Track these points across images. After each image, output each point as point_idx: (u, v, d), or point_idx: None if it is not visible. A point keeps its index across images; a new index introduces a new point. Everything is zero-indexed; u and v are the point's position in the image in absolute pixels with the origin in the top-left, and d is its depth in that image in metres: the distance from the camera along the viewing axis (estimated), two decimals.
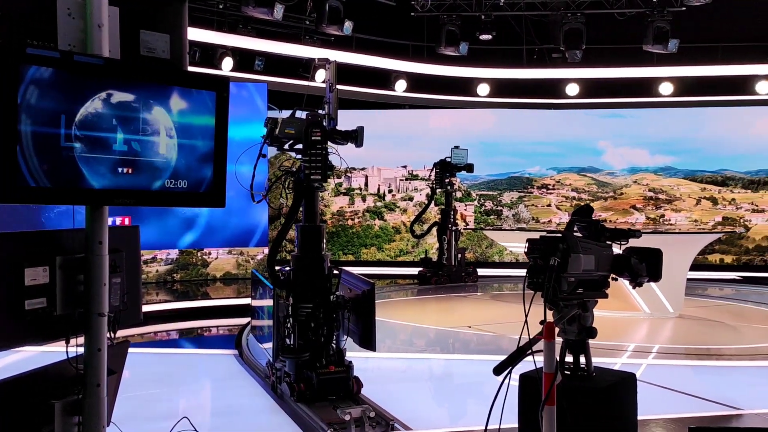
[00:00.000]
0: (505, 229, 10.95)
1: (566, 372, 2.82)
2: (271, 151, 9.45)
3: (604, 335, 7.07)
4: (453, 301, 9.45)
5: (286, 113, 4.69)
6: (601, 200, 12.29)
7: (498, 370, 2.45)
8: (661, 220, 12.06)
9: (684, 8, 9.40)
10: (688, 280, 8.53)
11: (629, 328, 7.58)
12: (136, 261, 2.58)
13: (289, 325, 4.35)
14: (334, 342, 4.39)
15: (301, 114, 4.63)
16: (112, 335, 2.36)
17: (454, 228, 10.44)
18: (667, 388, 5.23)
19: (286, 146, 4.58)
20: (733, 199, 11.92)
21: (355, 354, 4.56)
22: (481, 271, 11.05)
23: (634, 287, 2.92)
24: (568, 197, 12.26)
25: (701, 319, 8.09)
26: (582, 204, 2.99)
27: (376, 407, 4.13)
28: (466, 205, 12.44)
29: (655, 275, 2.91)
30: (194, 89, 2.22)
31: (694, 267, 9.43)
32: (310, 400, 4.17)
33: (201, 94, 2.23)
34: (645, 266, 2.90)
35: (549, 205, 12.32)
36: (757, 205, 11.82)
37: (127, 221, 9.20)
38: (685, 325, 7.70)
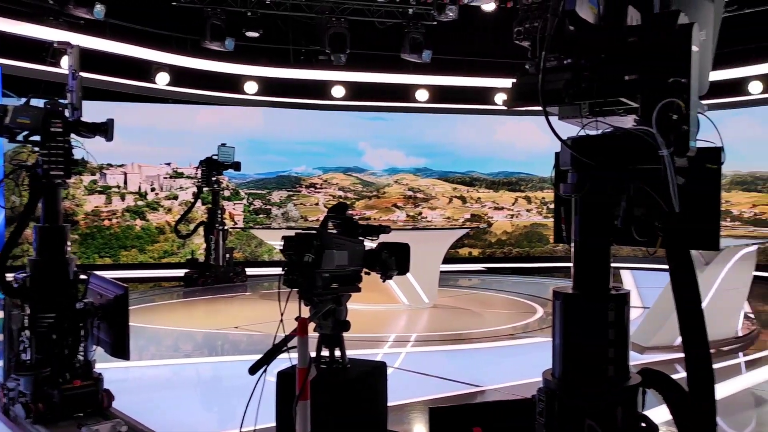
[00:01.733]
0: (273, 228, 10.95)
1: (322, 366, 2.87)
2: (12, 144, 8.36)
3: (368, 328, 7.45)
4: (221, 302, 9.22)
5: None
6: (365, 199, 12.89)
7: (253, 370, 2.41)
8: (419, 217, 13.00)
9: (435, 23, 10.22)
10: (442, 272, 9.30)
11: (390, 320, 8.04)
12: None
13: (25, 339, 3.86)
14: (81, 354, 3.99)
15: (39, 102, 4.13)
16: None
17: (221, 227, 10.20)
18: (423, 373, 5.61)
19: (20, 137, 4.05)
20: (479, 198, 13.28)
21: (113, 365, 4.20)
22: (250, 271, 10.93)
23: (384, 280, 3.08)
24: (335, 196, 12.65)
25: (452, 308, 8.86)
26: (338, 201, 3.07)
27: (130, 420, 3.85)
28: (234, 204, 12.21)
29: (403, 268, 3.10)
30: None
31: (447, 260, 10.32)
32: (50, 420, 3.74)
33: None
34: (395, 260, 3.07)
35: (317, 204, 12.60)
36: (498, 204, 13.30)
37: None
38: (439, 314, 8.37)
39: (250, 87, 11.74)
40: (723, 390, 5.13)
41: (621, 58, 2.04)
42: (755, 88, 11.35)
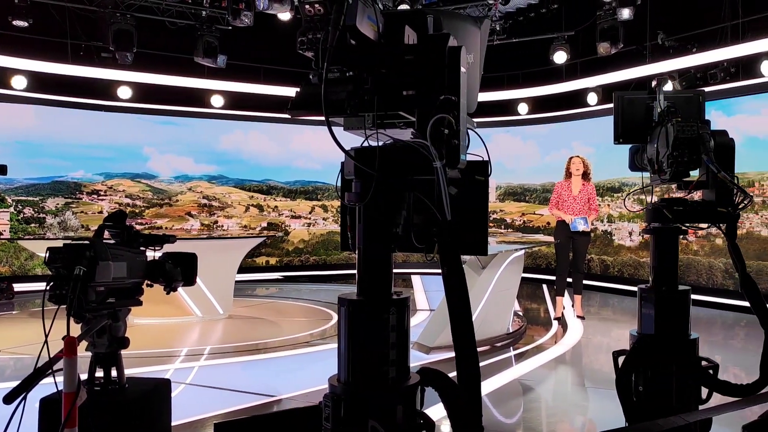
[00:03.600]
0: (49, 239, 9.89)
1: (96, 388, 2.64)
2: None
3: (158, 343, 7.06)
4: None
5: None
6: (156, 207, 12.20)
7: (9, 399, 2.14)
8: (214, 225, 12.60)
9: (230, 27, 10.00)
10: (238, 281, 9.12)
11: (182, 333, 7.70)
12: None
13: None
14: None
15: None
16: None
17: None
18: (216, 387, 5.45)
19: None
20: (276, 206, 13.23)
21: None
22: (19, 287, 9.80)
23: (168, 292, 2.92)
24: (122, 204, 11.80)
25: (249, 318, 8.73)
26: (116, 209, 2.85)
27: None
28: None
29: (190, 279, 2.97)
30: None
31: (244, 269, 10.14)
32: None
33: None
34: (180, 270, 2.92)
35: (101, 212, 11.63)
36: (294, 212, 13.36)
37: None
38: (234, 325, 8.19)
39: (19, 82, 10.49)
40: (496, 382, 5.64)
41: (399, 74, 2.15)
42: (523, 109, 12.74)
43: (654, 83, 3.32)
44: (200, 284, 8.06)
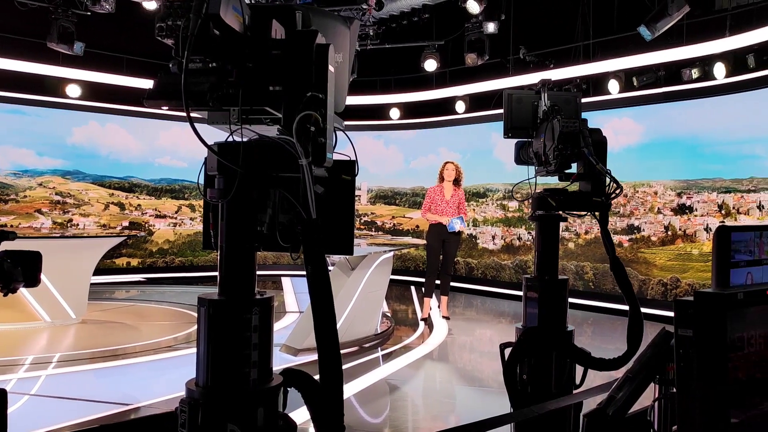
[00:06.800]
0: None
1: None
2: None
3: (0, 351, 6.47)
4: None
5: None
6: (1, 203, 11.16)
7: None
8: (69, 224, 11.74)
9: (89, 13, 9.36)
10: (94, 284, 8.57)
11: (28, 340, 7.12)
12: None
13: None
14: None
15: None
16: None
17: None
18: (66, 397, 5.09)
19: None
20: (139, 205, 12.56)
21: None
22: None
23: (6, 294, 2.66)
24: None
25: (104, 322, 8.22)
26: None
27: None
28: None
29: (32, 280, 2.71)
30: None
31: (101, 271, 9.54)
32: None
33: None
34: (21, 270, 2.67)
35: None
36: (159, 211, 12.76)
37: None
38: (88, 330, 7.69)
39: None
40: (363, 382, 5.70)
41: (265, 69, 2.10)
42: (395, 114, 12.99)
43: (538, 85, 3.63)
44: (49, 286, 7.49)
